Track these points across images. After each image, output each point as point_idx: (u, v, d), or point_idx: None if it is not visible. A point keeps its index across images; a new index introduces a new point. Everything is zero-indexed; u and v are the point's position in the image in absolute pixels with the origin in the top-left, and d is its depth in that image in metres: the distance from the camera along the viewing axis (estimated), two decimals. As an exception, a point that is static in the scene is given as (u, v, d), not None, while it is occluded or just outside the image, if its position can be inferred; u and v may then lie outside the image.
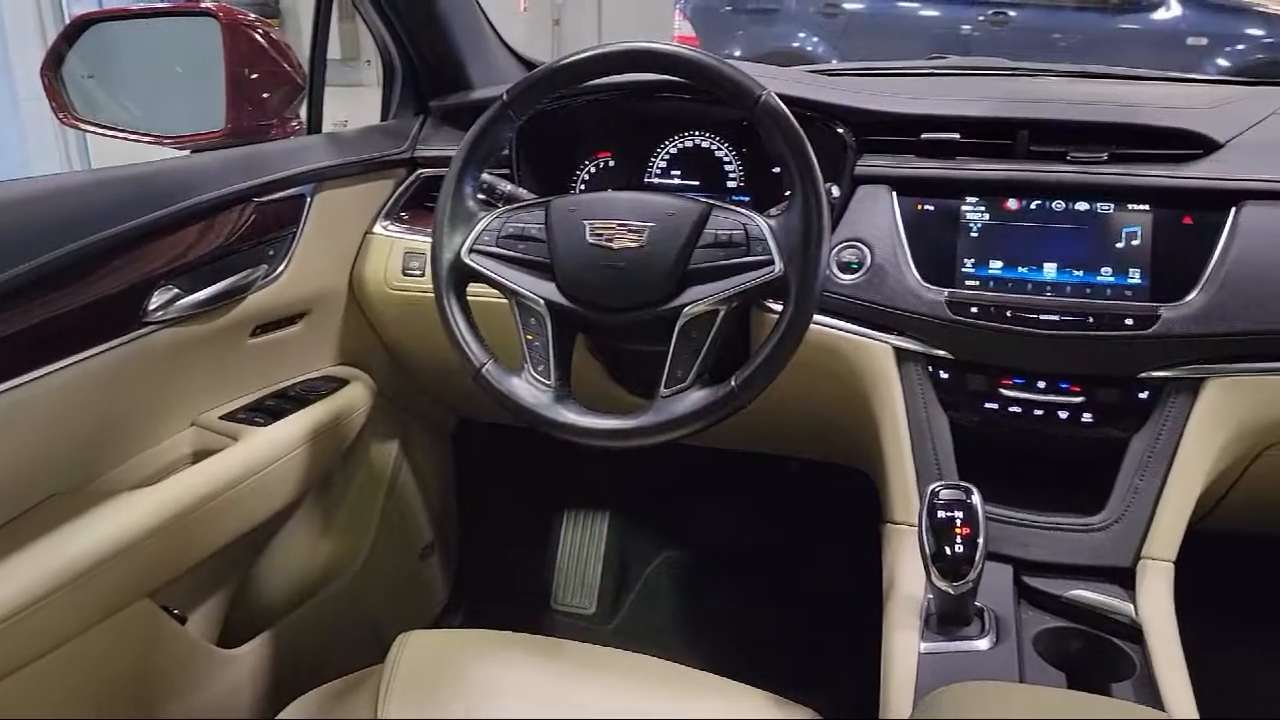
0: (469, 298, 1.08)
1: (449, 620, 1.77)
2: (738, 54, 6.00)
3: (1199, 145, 1.09)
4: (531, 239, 1.06)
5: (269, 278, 1.20)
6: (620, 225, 1.02)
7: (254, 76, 1.23)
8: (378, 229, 1.37)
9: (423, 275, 1.31)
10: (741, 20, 6.28)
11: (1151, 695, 0.88)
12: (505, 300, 1.06)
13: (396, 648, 0.99)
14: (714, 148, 1.31)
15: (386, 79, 1.47)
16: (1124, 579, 1.02)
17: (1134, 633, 0.96)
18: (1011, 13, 5.94)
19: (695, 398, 0.99)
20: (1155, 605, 0.98)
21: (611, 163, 1.34)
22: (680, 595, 1.82)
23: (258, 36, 1.23)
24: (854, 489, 1.38)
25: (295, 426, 1.22)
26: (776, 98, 0.98)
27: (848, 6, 6.15)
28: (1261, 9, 6.04)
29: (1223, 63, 5.62)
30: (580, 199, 1.08)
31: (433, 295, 1.07)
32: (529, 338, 1.05)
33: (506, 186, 1.23)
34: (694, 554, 1.84)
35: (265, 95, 1.25)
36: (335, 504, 1.47)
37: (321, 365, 1.36)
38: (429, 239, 1.10)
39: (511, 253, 1.06)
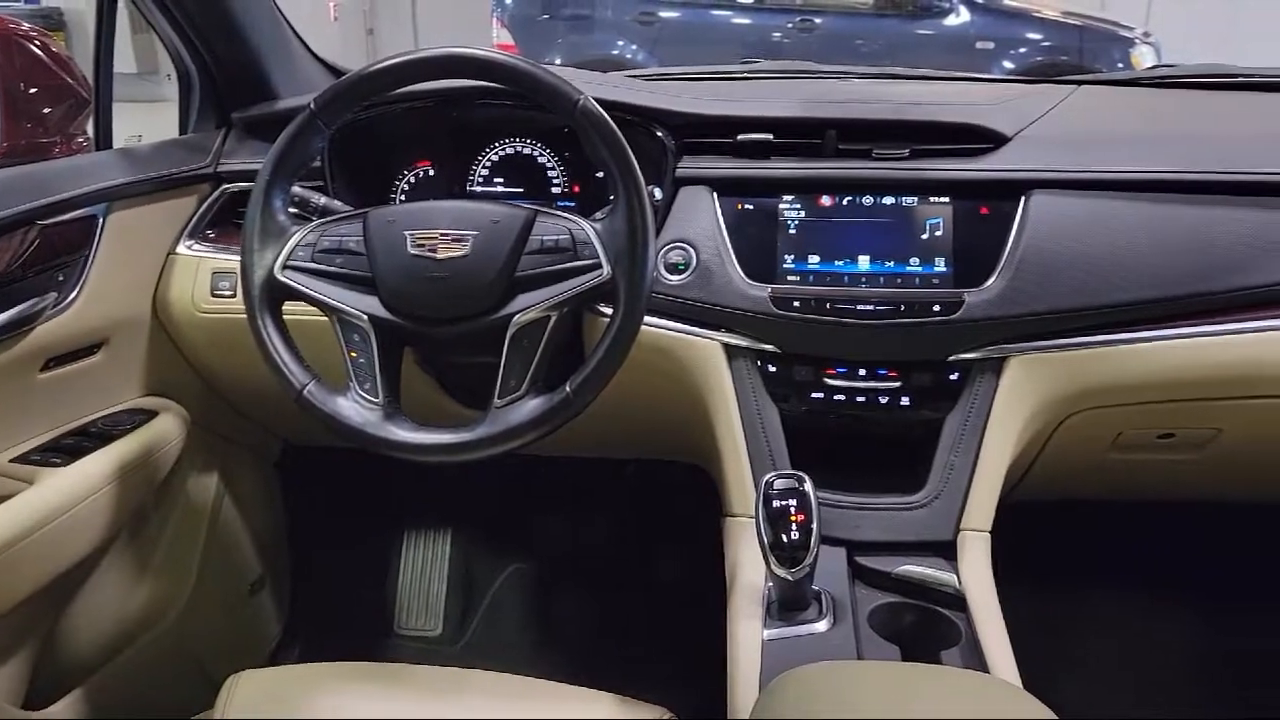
0: (286, 316, 1.03)
1: (285, 656, 1.69)
2: (558, 61, 6.02)
3: (989, 139, 1.17)
4: (350, 252, 1.02)
5: (59, 306, 1.11)
6: (443, 235, 1.00)
7: (32, 91, 1.14)
8: (181, 249, 1.29)
9: (234, 296, 1.24)
10: (560, 28, 6.31)
11: (977, 658, 0.93)
12: (325, 317, 1.02)
13: (227, 690, 0.93)
14: (536, 154, 1.30)
15: (183, 90, 1.38)
16: (946, 551, 1.08)
17: (958, 601, 1.01)
18: (818, 20, 6.22)
19: (530, 406, 0.98)
20: (975, 574, 1.04)
21: (432, 172, 1.31)
22: (529, 607, 1.80)
23: (35, 48, 1.14)
24: (694, 485, 1.40)
25: (99, 465, 1.13)
26: (594, 102, 0.98)
27: (664, 15, 6.28)
28: (1039, 14, 6.56)
29: (1008, 64, 6.06)
30: (400, 209, 1.05)
31: (246, 316, 1.02)
32: (353, 355, 1.01)
33: (320, 199, 1.18)
34: (541, 564, 1.83)
35: (46, 111, 1.16)
36: (151, 544, 1.38)
37: (126, 397, 1.26)
38: (239, 257, 1.04)
39: (329, 267, 1.02)
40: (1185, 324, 1.11)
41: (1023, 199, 1.13)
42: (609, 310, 1.00)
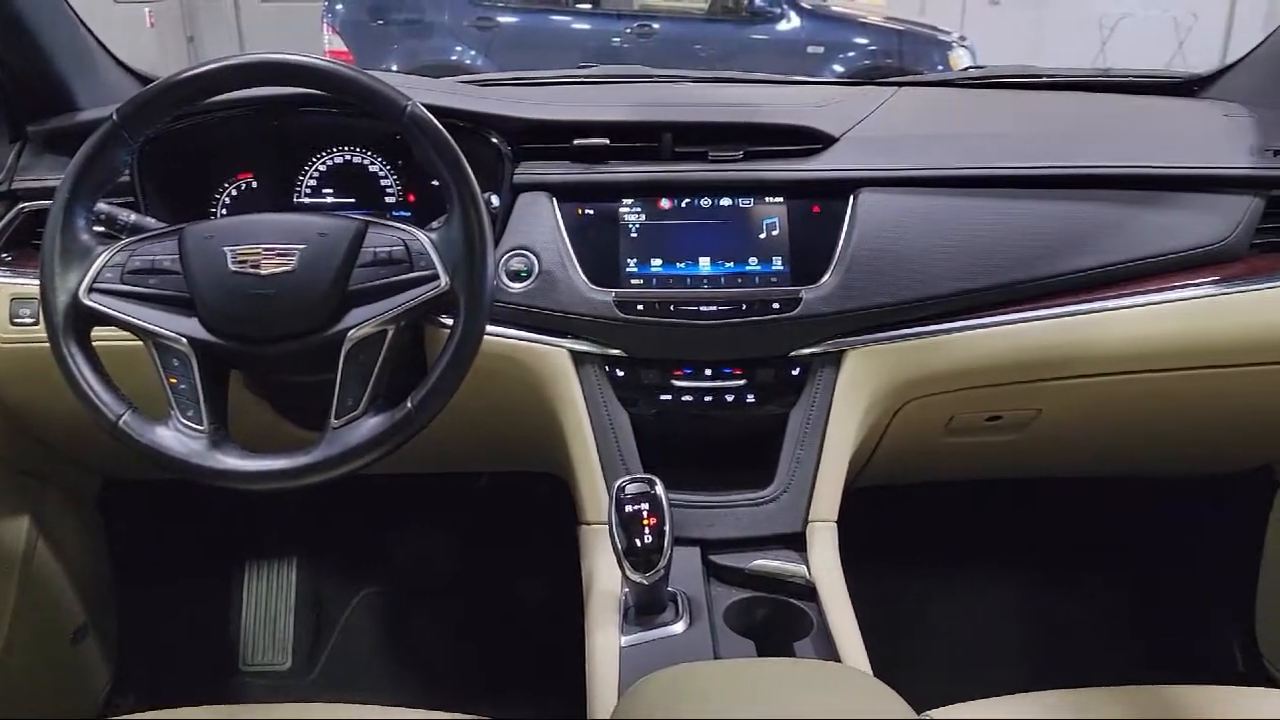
0: (98, 343, 0.96)
1: (119, 704, 1.57)
2: (394, 68, 5.88)
3: (818, 140, 1.20)
4: (164, 272, 0.95)
5: None
6: (267, 249, 0.95)
7: None
8: None
9: (36, 323, 1.15)
10: (395, 34, 6.17)
11: (828, 647, 0.96)
12: (140, 342, 0.95)
13: None
14: (368, 163, 1.25)
15: (-31, 101, 1.26)
16: (796, 543, 1.10)
17: (809, 591, 1.04)
18: (655, 25, 6.30)
19: (370, 425, 0.95)
20: (824, 563, 1.06)
21: (255, 184, 1.24)
22: (384, 631, 1.74)
23: None
24: (549, 495, 1.38)
25: None
26: (423, 108, 0.95)
27: (501, 20, 6.23)
28: (864, 20, 6.86)
29: (838, 68, 6.30)
30: (218, 224, 0.99)
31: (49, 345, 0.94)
32: (173, 381, 0.94)
33: (130, 216, 1.10)
34: (394, 586, 1.77)
35: None
36: (-45, 599, 1.26)
37: None
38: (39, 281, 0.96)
39: (142, 289, 0.95)
40: (1008, 311, 1.16)
41: (852, 197, 1.16)
42: (450, 321, 0.97)
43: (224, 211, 1.24)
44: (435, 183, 1.17)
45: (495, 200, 1.15)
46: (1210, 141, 1.27)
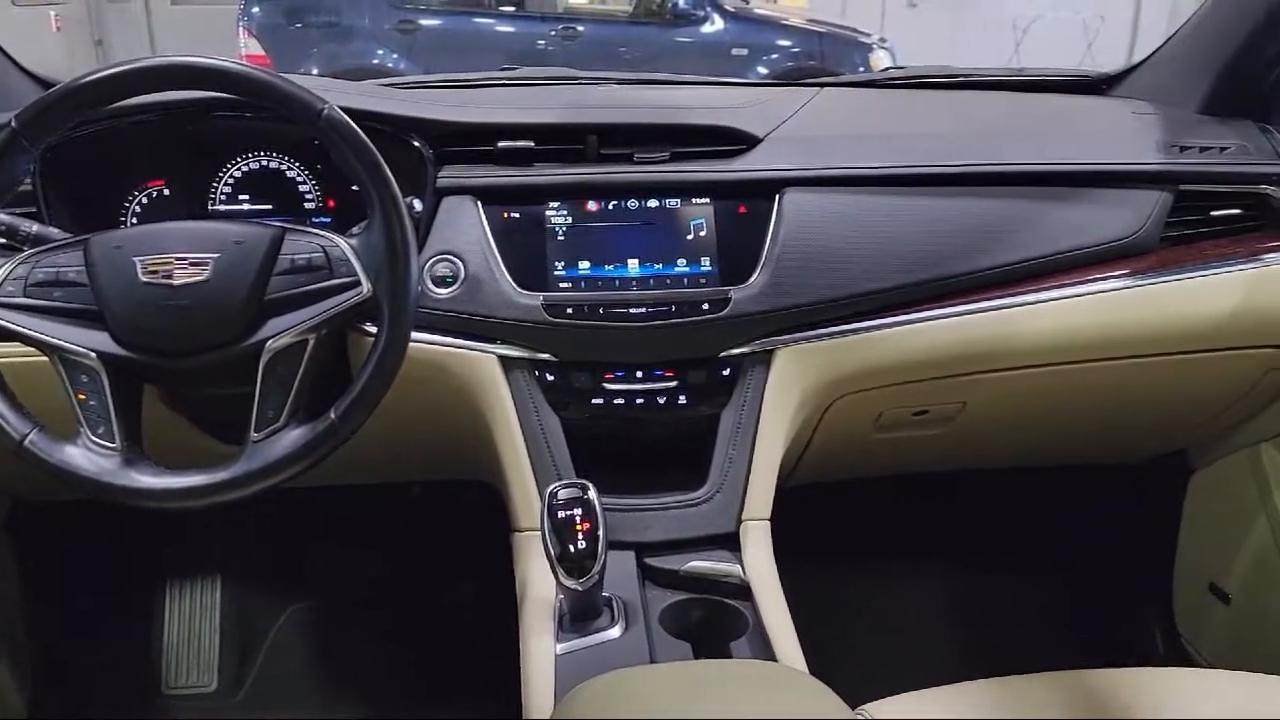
0: (0, 359, 0.92)
1: (35, 733, 1.51)
2: (314, 72, 5.77)
3: (743, 141, 1.20)
4: (70, 284, 0.92)
5: None
6: (179, 259, 0.92)
7: None
8: None
9: None
10: (315, 37, 6.05)
11: (764, 646, 0.96)
12: (45, 358, 0.91)
13: None
14: (285, 168, 1.22)
15: None
16: (730, 543, 1.10)
17: (744, 591, 1.04)
18: (580, 28, 6.30)
19: (292, 437, 0.92)
20: (758, 562, 1.07)
21: (167, 192, 1.20)
22: (314, 648, 1.70)
23: None
24: (483, 503, 1.36)
25: None
26: (340, 111, 0.93)
27: (424, 23, 6.15)
28: (787, 22, 6.95)
29: (762, 69, 6.37)
30: (127, 233, 0.96)
31: None
32: (81, 397, 0.91)
33: (32, 227, 1.05)
34: (324, 601, 1.73)
35: None
36: None
37: None
38: None
39: (46, 302, 0.91)
40: (932, 307, 1.18)
41: (777, 197, 1.17)
42: (374, 329, 0.95)
43: (134, 221, 1.19)
44: (356, 188, 1.15)
45: (418, 205, 1.13)
46: (1120, 138, 1.30)
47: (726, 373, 1.16)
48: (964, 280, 1.18)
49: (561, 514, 0.94)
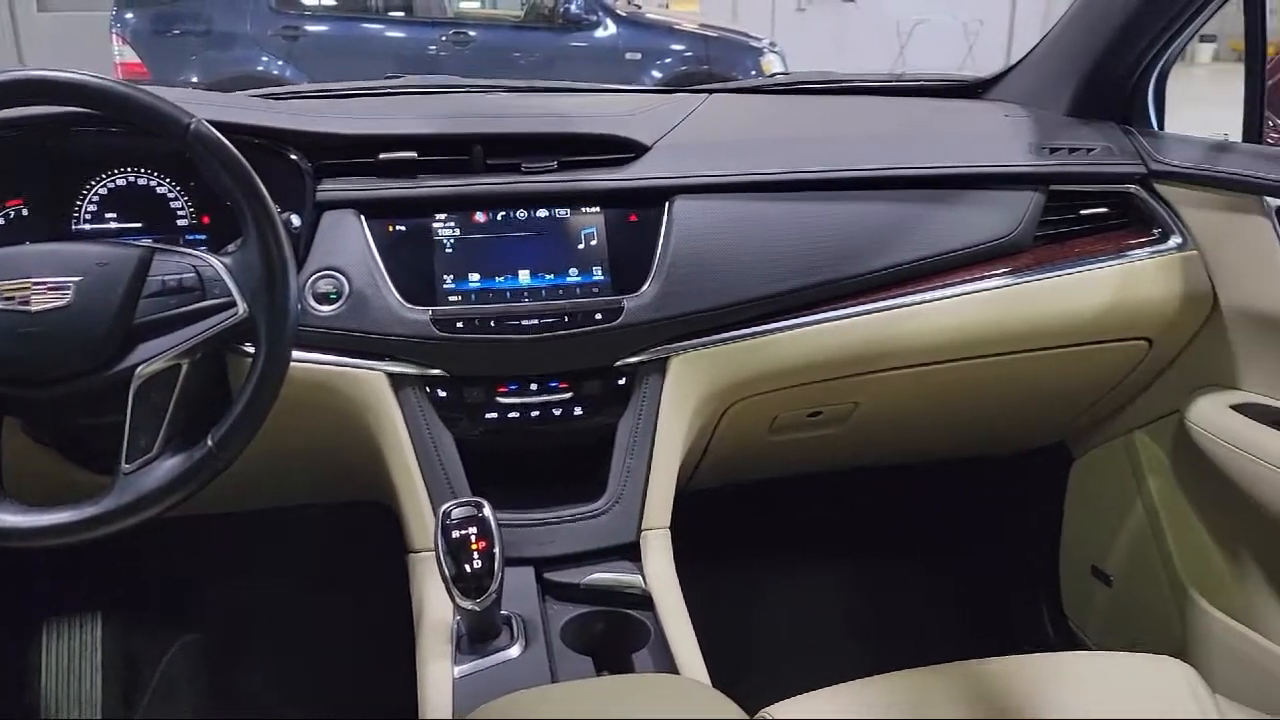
0: None
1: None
2: (195, 80, 5.57)
3: (631, 149, 1.20)
4: None
5: None
6: (36, 284, 0.87)
7: None
8: None
9: None
10: (194, 45, 5.84)
11: (666, 656, 0.95)
12: None
13: None
14: (155, 184, 1.16)
15: None
16: (631, 553, 1.10)
17: (645, 601, 1.03)
18: (472, 33, 6.24)
19: (167, 467, 0.88)
20: (658, 571, 1.07)
21: (25, 211, 1.13)
22: (205, 683, 1.63)
23: None
24: (378, 524, 1.33)
25: None
26: (208, 125, 0.89)
27: (310, 29, 6.01)
28: (680, 27, 7.02)
29: (656, 74, 6.42)
30: None
31: None
32: None
33: None
34: (214, 633, 1.66)
35: None
36: None
37: None
38: None
39: None
40: (822, 310, 1.20)
41: (667, 205, 1.17)
42: (254, 351, 0.91)
43: None
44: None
45: (296, 220, 1.09)
46: (994, 141, 1.35)
47: (622, 382, 1.15)
48: (852, 283, 1.20)
49: (456, 533, 0.92)
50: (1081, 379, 1.40)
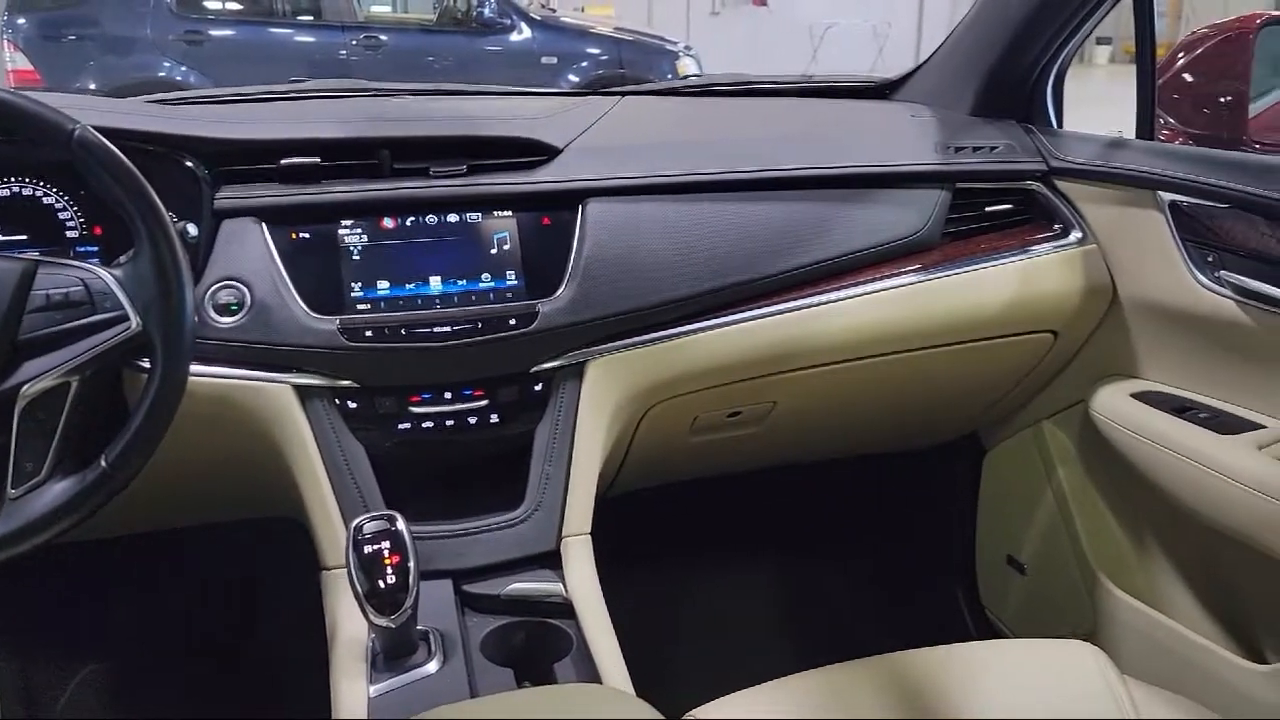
0: None
1: None
2: (92, 87, 5.36)
3: (542, 152, 1.19)
4: None
5: None
6: None
7: None
8: None
9: None
10: (91, 50, 5.62)
11: (588, 665, 0.94)
12: None
13: None
14: (41, 194, 1.11)
15: None
16: (551, 561, 1.08)
17: (567, 609, 1.02)
18: (383, 37, 6.14)
19: (56, 491, 0.84)
20: (580, 578, 1.05)
21: None
22: (112, 711, 1.56)
23: None
24: (292, 541, 1.29)
25: None
26: (95, 132, 0.86)
27: (215, 33, 5.84)
28: (596, 31, 7.02)
29: (573, 77, 6.41)
30: None
31: None
32: None
33: None
34: (123, 658, 1.59)
35: None
36: None
37: None
38: None
39: None
40: (739, 310, 1.20)
41: (580, 208, 1.16)
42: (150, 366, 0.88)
43: None
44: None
45: (193, 229, 1.05)
46: (902, 140, 1.37)
47: (538, 388, 1.14)
48: (766, 283, 1.21)
49: (368, 548, 0.89)
50: (991, 372, 1.43)
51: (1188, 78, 1.41)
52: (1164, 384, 1.28)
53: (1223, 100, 1.34)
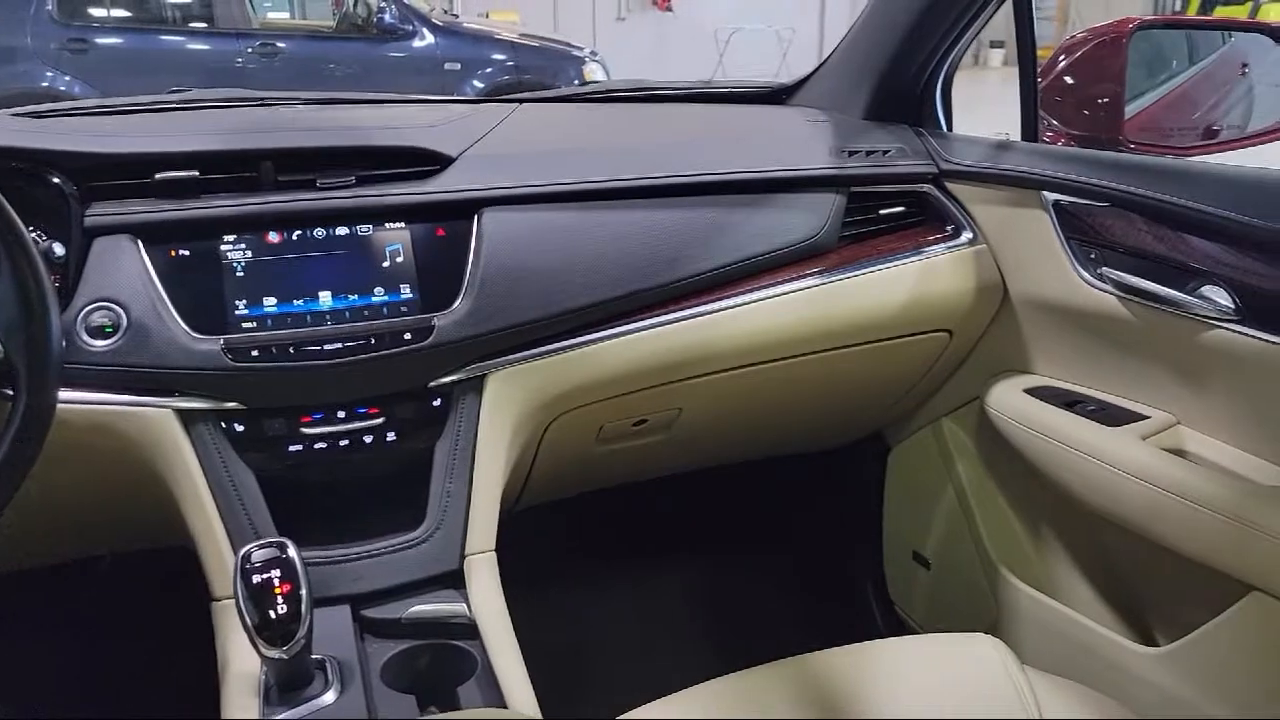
0: None
1: None
2: (-35, 97, 5.11)
3: (434, 161, 1.16)
4: None
5: None
6: None
7: None
8: None
9: None
10: (-38, 59, 5.36)
11: (492, 687, 0.92)
12: None
13: None
14: None
15: None
16: (455, 581, 1.06)
17: (471, 630, 1.00)
18: (281, 44, 5.98)
19: None
20: (484, 597, 1.03)
21: None
22: None
23: None
24: (182, 570, 1.23)
25: None
26: None
27: (100, 41, 5.61)
28: (500, 36, 6.97)
29: (478, 84, 6.34)
30: None
31: None
32: None
33: None
34: (15, 701, 1.50)
35: None
36: None
37: None
38: None
39: None
40: (641, 318, 1.19)
41: (475, 218, 1.14)
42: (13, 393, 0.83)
43: None
44: None
45: (60, 249, 0.99)
46: (798, 145, 1.38)
47: (437, 403, 1.11)
48: (668, 289, 1.20)
49: (257, 578, 0.86)
50: (891, 372, 1.45)
51: (1069, 80, 1.45)
52: (1054, 379, 1.32)
53: (1100, 102, 1.38)
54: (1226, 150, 1.45)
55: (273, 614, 0.84)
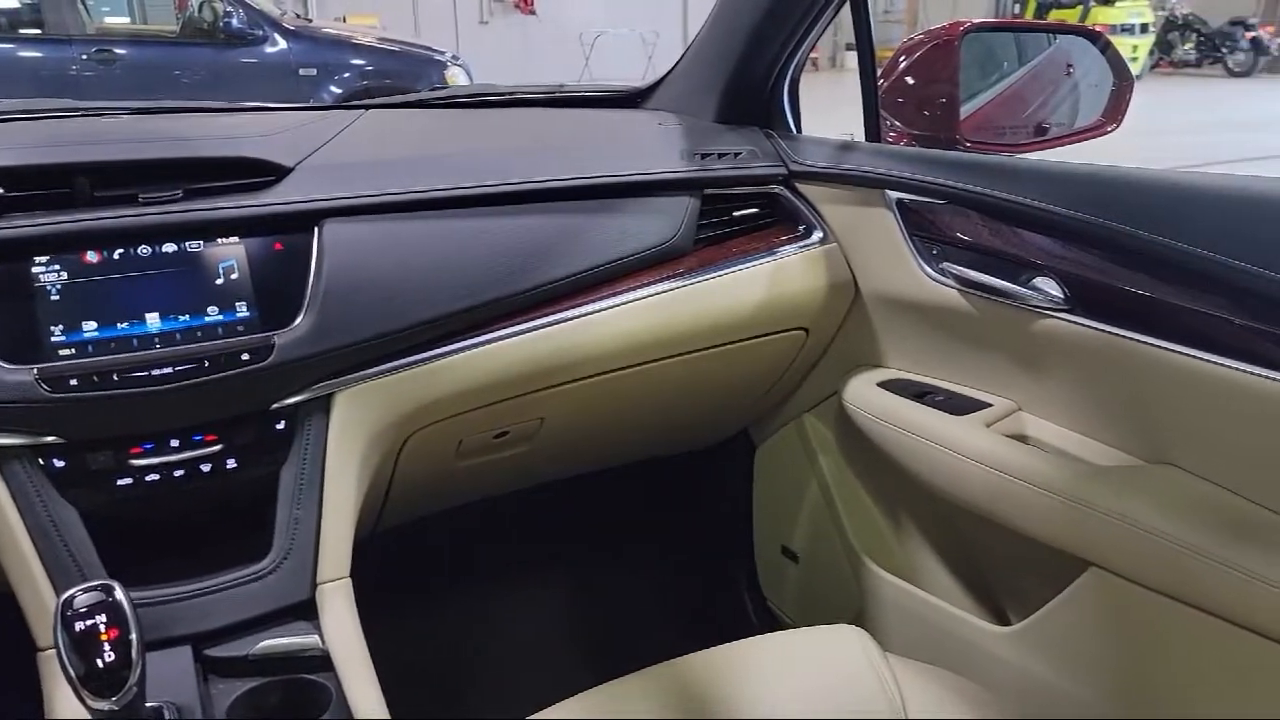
0: None
1: None
2: None
3: (269, 171, 1.11)
4: None
5: None
6: None
7: None
8: None
9: None
10: None
11: (348, 718, 0.88)
12: None
13: None
14: None
15: None
16: (306, 612, 1.01)
17: (325, 661, 0.95)
18: (120, 50, 5.67)
19: None
20: (338, 627, 0.99)
21: None
22: None
23: None
24: (7, 617, 1.14)
25: None
26: None
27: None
28: (357, 41, 6.80)
29: (335, 89, 6.16)
30: None
31: None
32: None
33: None
34: None
35: None
36: None
37: None
38: None
39: None
40: (495, 328, 1.16)
41: (316, 230, 1.09)
42: None
43: None
44: None
45: None
46: (651, 149, 1.38)
47: (280, 426, 1.06)
48: (522, 298, 1.18)
49: (80, 625, 0.79)
50: (752, 371, 1.47)
51: (909, 81, 1.50)
52: (906, 371, 1.36)
53: (938, 103, 1.43)
54: (1056, 147, 1.52)
55: (100, 662, 0.78)
